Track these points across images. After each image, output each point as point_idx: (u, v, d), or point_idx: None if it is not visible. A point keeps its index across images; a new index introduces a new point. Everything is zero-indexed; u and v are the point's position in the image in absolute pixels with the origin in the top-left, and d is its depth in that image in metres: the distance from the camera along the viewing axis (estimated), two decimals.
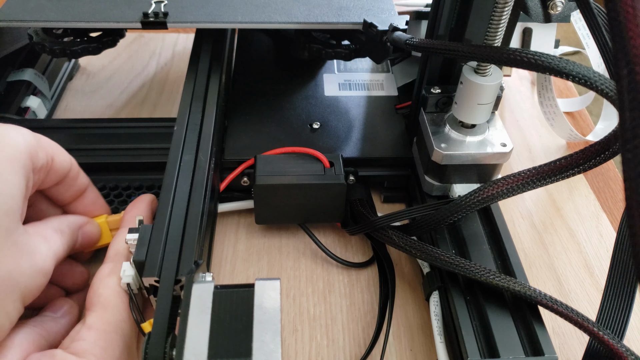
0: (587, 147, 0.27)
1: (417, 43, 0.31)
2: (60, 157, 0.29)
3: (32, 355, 0.25)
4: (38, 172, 0.28)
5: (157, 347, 0.23)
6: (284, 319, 0.34)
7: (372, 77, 0.46)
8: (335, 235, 0.39)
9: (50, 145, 0.29)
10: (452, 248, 0.32)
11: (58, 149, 0.29)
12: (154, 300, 0.27)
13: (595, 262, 0.38)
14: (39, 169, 0.27)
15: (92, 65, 0.55)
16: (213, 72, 0.39)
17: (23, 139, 0.26)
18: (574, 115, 0.51)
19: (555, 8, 0.28)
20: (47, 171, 0.29)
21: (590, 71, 0.25)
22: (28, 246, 0.26)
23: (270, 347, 0.22)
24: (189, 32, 0.60)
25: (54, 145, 0.29)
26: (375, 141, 0.39)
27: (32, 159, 0.27)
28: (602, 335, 0.26)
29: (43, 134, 0.29)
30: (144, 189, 0.37)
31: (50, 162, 0.29)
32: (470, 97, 0.32)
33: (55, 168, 0.29)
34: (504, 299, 0.29)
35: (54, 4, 0.39)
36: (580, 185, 0.44)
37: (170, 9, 0.39)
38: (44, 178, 0.29)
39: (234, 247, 0.38)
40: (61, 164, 0.29)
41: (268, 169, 0.35)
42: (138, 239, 0.28)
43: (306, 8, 0.40)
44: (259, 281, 0.25)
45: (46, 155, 0.28)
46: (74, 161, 0.31)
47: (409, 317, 0.34)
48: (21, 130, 0.27)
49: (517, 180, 0.29)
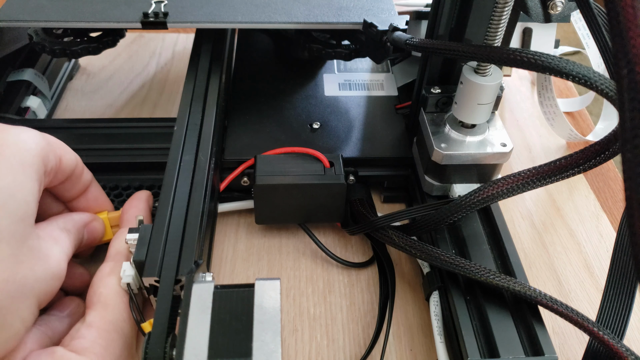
0: (587, 147, 0.27)
1: (417, 43, 0.31)
2: (67, 156, 0.29)
3: (33, 353, 0.25)
4: (49, 175, 0.28)
5: (157, 347, 0.23)
6: (284, 319, 0.34)
7: (372, 77, 0.46)
8: (335, 235, 0.39)
9: (59, 146, 0.29)
10: (452, 248, 0.32)
11: (65, 148, 0.29)
12: (154, 300, 0.27)
13: (595, 262, 0.38)
14: (49, 171, 0.27)
15: (92, 65, 0.55)
16: (213, 72, 0.39)
17: (34, 142, 0.26)
18: (574, 115, 0.51)
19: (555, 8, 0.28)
20: (56, 172, 0.29)
21: (590, 71, 0.25)
22: (42, 251, 0.26)
23: (270, 347, 0.22)
24: (189, 32, 0.60)
25: (62, 145, 0.29)
26: (375, 141, 0.39)
27: (44, 162, 0.27)
28: (602, 335, 0.26)
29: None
30: (144, 189, 0.37)
31: (59, 163, 0.29)
32: (470, 97, 0.32)
33: (62, 168, 0.29)
34: (504, 299, 0.29)
35: (54, 4, 0.39)
36: (580, 185, 0.44)
37: (170, 9, 0.39)
38: (53, 178, 0.29)
39: (234, 247, 0.38)
40: (68, 163, 0.29)
41: (268, 169, 0.35)
42: (138, 239, 0.28)
43: (306, 8, 0.40)
44: (259, 281, 0.25)
45: (55, 156, 0.28)
46: (79, 158, 0.31)
47: (409, 317, 0.34)
48: (31, 132, 0.27)
49: (517, 180, 0.29)
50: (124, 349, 0.26)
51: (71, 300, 0.30)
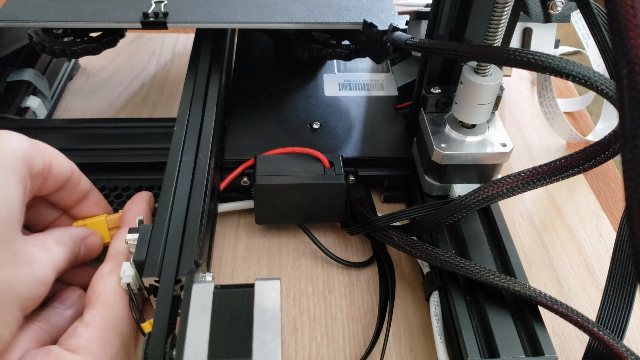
0: (587, 147, 0.27)
1: (417, 43, 0.31)
2: (59, 163, 0.29)
3: (29, 353, 0.25)
4: (34, 178, 0.27)
5: (157, 347, 0.23)
6: (284, 319, 0.34)
7: (372, 77, 0.46)
8: (335, 235, 0.39)
9: (48, 152, 0.28)
10: (452, 248, 0.32)
11: (57, 155, 0.29)
12: (154, 300, 0.27)
13: (595, 262, 0.38)
14: (35, 174, 0.27)
15: (92, 65, 0.55)
16: (213, 72, 0.39)
17: (18, 144, 0.26)
18: (574, 115, 0.51)
19: (555, 8, 0.28)
20: (44, 177, 0.28)
21: (590, 71, 0.25)
22: (27, 255, 0.25)
23: (270, 347, 0.22)
24: (189, 32, 0.60)
25: (52, 151, 0.29)
26: (375, 141, 0.39)
27: (28, 165, 0.26)
28: (602, 335, 0.26)
29: (43, 134, 0.29)
30: (144, 189, 0.37)
31: (48, 168, 0.28)
32: (470, 97, 0.32)
33: (53, 174, 0.29)
34: (504, 299, 0.29)
35: (54, 4, 0.39)
36: (580, 185, 0.44)
37: (170, 9, 0.39)
38: (42, 184, 0.28)
39: (234, 247, 0.38)
40: (60, 169, 0.29)
41: (268, 169, 0.35)
42: (138, 239, 0.28)
43: (306, 8, 0.40)
44: (259, 281, 0.25)
45: (43, 161, 0.28)
46: (75, 166, 0.31)
47: (409, 317, 0.34)
48: (16, 135, 0.27)
49: (517, 180, 0.29)
50: (120, 349, 0.26)
51: (73, 292, 0.30)
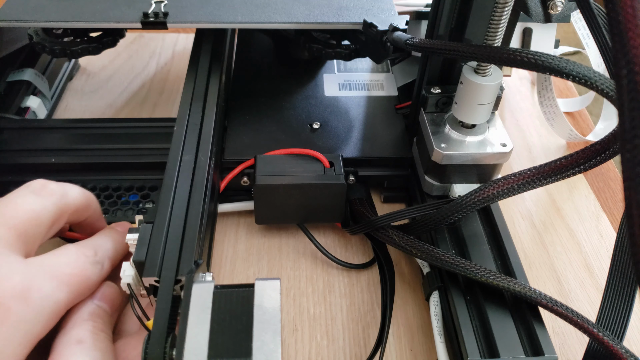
0: (587, 147, 0.27)
1: (417, 43, 0.31)
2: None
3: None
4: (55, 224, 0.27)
5: (157, 347, 0.23)
6: (284, 319, 0.34)
7: (372, 77, 0.46)
8: (335, 235, 0.39)
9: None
10: (452, 248, 0.32)
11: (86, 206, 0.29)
12: (154, 300, 0.27)
13: (595, 262, 0.38)
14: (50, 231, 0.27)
15: (92, 65, 0.55)
16: (213, 72, 0.39)
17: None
18: (574, 115, 0.51)
19: (555, 8, 0.28)
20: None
21: (590, 71, 0.25)
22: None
23: (270, 347, 0.22)
24: (189, 32, 0.60)
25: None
26: (375, 141, 0.39)
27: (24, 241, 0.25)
28: (602, 336, 0.26)
29: (43, 134, 0.28)
30: (145, 190, 0.37)
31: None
32: (470, 97, 0.32)
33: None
34: (504, 299, 0.29)
35: (54, 4, 0.39)
36: (580, 185, 0.44)
37: (170, 9, 0.39)
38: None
39: (234, 247, 0.38)
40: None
41: (268, 169, 0.35)
42: (138, 239, 0.28)
43: (306, 8, 0.40)
44: (259, 281, 0.25)
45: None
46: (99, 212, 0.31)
47: (409, 317, 0.34)
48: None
49: (517, 180, 0.29)
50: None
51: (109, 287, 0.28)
